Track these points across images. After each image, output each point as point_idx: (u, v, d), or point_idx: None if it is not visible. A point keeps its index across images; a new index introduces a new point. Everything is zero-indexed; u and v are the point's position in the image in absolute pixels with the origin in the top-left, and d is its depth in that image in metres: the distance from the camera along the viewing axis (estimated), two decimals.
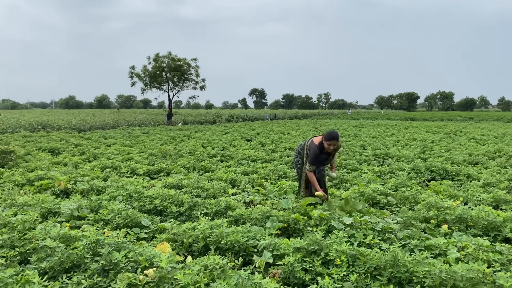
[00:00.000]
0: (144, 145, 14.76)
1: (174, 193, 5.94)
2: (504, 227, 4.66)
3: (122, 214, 4.90)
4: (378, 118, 51.73)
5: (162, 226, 4.76)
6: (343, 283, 3.24)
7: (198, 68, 41.72)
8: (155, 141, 16.98)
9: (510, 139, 17.54)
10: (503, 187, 7.19)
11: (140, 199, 5.87)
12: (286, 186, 7.03)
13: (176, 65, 39.95)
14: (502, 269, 3.52)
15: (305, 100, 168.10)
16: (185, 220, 5.28)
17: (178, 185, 7.17)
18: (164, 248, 4.02)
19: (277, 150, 13.67)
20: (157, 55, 40.37)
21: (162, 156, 11.79)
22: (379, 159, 11.50)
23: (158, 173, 9.03)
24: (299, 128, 27.03)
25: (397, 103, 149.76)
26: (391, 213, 5.94)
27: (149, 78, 40.07)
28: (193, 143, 16.02)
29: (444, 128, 26.09)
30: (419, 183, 8.06)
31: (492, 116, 51.92)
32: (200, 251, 4.09)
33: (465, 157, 11.21)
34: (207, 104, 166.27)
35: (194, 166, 9.77)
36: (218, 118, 43.38)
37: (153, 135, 20.24)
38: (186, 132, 22.93)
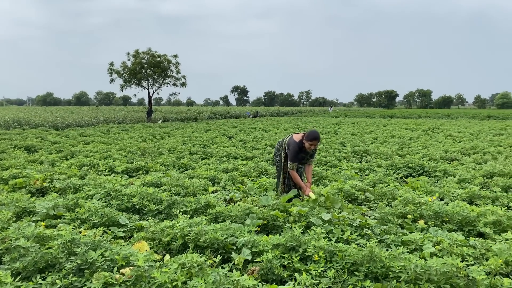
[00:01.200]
0: (123, 143, 14.56)
1: (153, 191, 5.88)
2: (478, 222, 4.78)
3: (99, 213, 4.82)
4: (358, 116, 52.30)
5: (140, 225, 4.71)
6: (320, 279, 3.27)
7: (178, 65, 41.47)
8: (134, 138, 16.78)
9: (485, 136, 17.98)
10: (477, 183, 7.36)
11: (118, 197, 5.79)
12: (266, 183, 7.04)
13: (156, 62, 39.55)
14: (475, 263, 3.61)
15: (286, 97, 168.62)
16: (164, 218, 5.23)
17: (157, 183, 7.11)
18: (142, 247, 3.98)
19: (258, 147, 13.68)
20: (137, 51, 39.90)
21: (141, 153, 11.66)
22: (358, 156, 11.64)
23: (137, 171, 8.92)
24: (280, 125, 27.11)
25: (377, 101, 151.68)
26: (369, 209, 6.01)
27: (128, 74, 39.55)
28: (173, 140, 15.89)
29: (422, 125, 26.56)
30: (396, 179, 8.19)
31: (468, 114, 53.13)
32: (179, 249, 4.07)
33: (442, 154, 11.44)
34: (188, 101, 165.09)
35: (174, 164, 9.69)
36: (200, 115, 43.12)
37: (133, 133, 20.00)
38: (166, 129, 22.73)
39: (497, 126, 25.07)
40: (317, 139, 5.48)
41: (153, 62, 39.47)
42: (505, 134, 19.11)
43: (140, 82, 40.45)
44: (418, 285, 3.09)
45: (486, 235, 4.49)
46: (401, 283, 3.11)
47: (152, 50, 40.39)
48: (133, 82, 40.14)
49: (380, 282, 3.26)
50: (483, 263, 3.57)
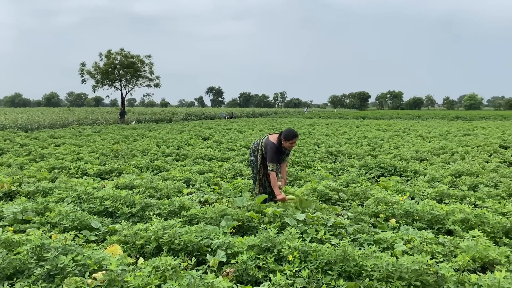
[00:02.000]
0: (95, 145, 14.27)
1: (126, 193, 5.79)
2: (447, 220, 4.92)
3: (71, 216, 4.71)
4: (332, 117, 52.97)
5: (113, 228, 4.62)
6: (295, 279, 3.29)
7: (152, 65, 40.94)
8: (107, 140, 16.46)
9: (453, 137, 18.52)
10: (446, 182, 7.58)
11: (90, 201, 5.67)
12: (242, 185, 7.04)
13: (129, 62, 38.94)
14: (444, 260, 3.72)
15: (262, 98, 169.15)
16: (137, 221, 5.16)
17: (130, 186, 7.00)
18: (115, 250, 3.91)
19: (234, 148, 13.66)
20: (109, 51, 39.16)
21: (114, 155, 11.45)
22: (332, 156, 11.78)
23: (110, 173, 8.76)
24: (255, 127, 27.16)
25: (350, 102, 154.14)
26: (342, 209, 6.10)
27: (100, 75, 38.77)
28: (147, 142, 15.69)
29: (394, 126, 27.13)
30: (369, 179, 8.35)
31: (438, 115, 54.65)
32: (153, 253, 4.02)
33: (412, 154, 11.72)
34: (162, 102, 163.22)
35: (148, 166, 9.57)
36: (174, 116, 42.69)
37: (105, 134, 19.62)
38: (140, 131, 22.41)
39: (465, 127, 25.88)
40: (297, 136, 5.50)
41: (126, 63, 38.84)
42: (472, 134, 19.75)
43: (113, 82, 39.73)
44: (389, 283, 3.16)
45: (455, 232, 4.63)
46: (373, 282, 3.18)
47: (125, 50, 39.79)
48: (106, 83, 39.38)
49: (353, 280, 3.31)
50: (451, 260, 3.68)
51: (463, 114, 54.36)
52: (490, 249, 3.72)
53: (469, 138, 17.31)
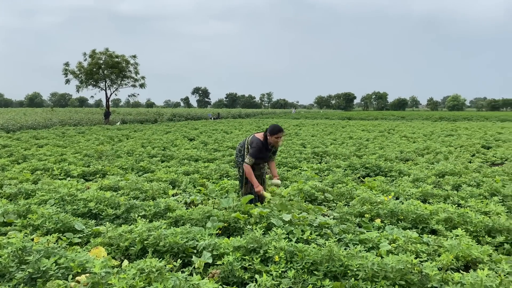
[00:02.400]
0: (79, 146, 14.08)
1: (110, 195, 5.72)
2: (431, 219, 4.98)
3: (54, 219, 4.63)
4: (318, 118, 53.28)
5: (97, 230, 4.56)
6: (281, 279, 3.29)
7: (137, 65, 40.65)
8: (91, 141, 16.26)
9: (437, 137, 18.79)
10: (430, 182, 7.67)
11: (74, 202, 5.59)
12: (228, 185, 7.02)
13: (114, 62, 38.56)
14: (428, 259, 3.76)
15: (248, 99, 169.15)
16: (122, 223, 5.09)
17: (115, 187, 6.92)
18: (99, 253, 3.86)
19: (220, 149, 13.63)
20: (94, 51, 38.73)
21: (98, 156, 11.32)
22: (318, 156, 11.84)
23: (94, 174, 8.65)
24: (242, 127, 27.14)
25: (335, 103, 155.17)
26: (328, 209, 6.13)
27: (85, 75, 38.32)
28: (132, 143, 15.54)
29: (379, 127, 27.41)
30: (354, 179, 8.40)
31: (422, 116, 55.39)
32: (138, 255, 3.98)
33: (397, 154, 11.85)
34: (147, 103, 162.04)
35: (133, 167, 9.48)
36: (160, 117, 42.40)
37: (89, 135, 19.38)
38: (125, 131, 22.19)
39: (448, 127, 26.28)
40: (281, 131, 5.47)
41: (111, 63, 38.45)
42: (456, 135, 20.07)
43: (97, 83, 39.28)
44: (375, 283, 3.18)
45: (439, 232, 4.69)
46: (359, 281, 3.19)
47: (110, 50, 39.38)
48: (90, 83, 38.91)
49: (339, 280, 3.33)
50: (435, 259, 3.72)
51: (446, 115, 55.21)
52: (473, 248, 3.77)
53: (452, 139, 17.58)
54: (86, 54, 38.68)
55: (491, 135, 19.35)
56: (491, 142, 16.04)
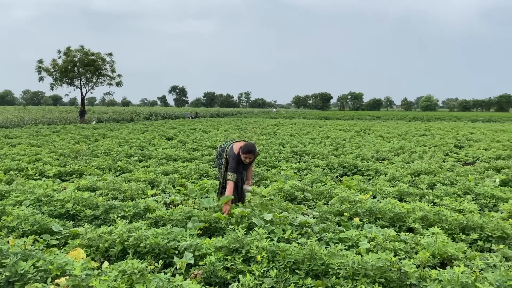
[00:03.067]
0: (54, 145, 13.75)
1: (88, 195, 5.62)
2: (408, 218, 5.10)
3: (30, 220, 4.52)
4: (295, 117, 53.60)
5: (76, 231, 4.48)
6: (263, 279, 3.32)
7: (113, 63, 39.86)
8: (66, 140, 15.91)
9: (412, 137, 19.21)
10: (406, 181, 7.85)
11: (50, 203, 5.47)
12: (208, 185, 7.00)
13: (90, 60, 37.74)
14: (406, 257, 3.86)
15: (226, 98, 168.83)
16: (101, 224, 5.02)
17: (93, 187, 6.80)
18: (78, 255, 3.79)
19: (199, 148, 13.56)
20: (68, 48, 37.81)
21: (75, 156, 11.09)
22: (297, 156, 11.93)
23: (70, 174, 8.47)
24: (221, 127, 27.06)
25: (313, 103, 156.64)
26: (308, 208, 6.19)
27: (59, 73, 37.35)
28: (108, 142, 15.29)
29: (355, 127, 27.81)
30: (333, 178, 8.52)
31: (396, 116, 56.47)
32: (118, 256, 3.93)
33: (373, 154, 12.05)
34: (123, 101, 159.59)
35: (110, 167, 9.33)
36: (136, 116, 41.82)
37: (64, 134, 18.96)
38: (101, 130, 21.80)
39: (422, 127, 26.89)
40: (252, 152, 5.26)
41: (86, 61, 37.60)
42: (429, 134, 20.56)
43: (72, 81, 38.37)
44: (355, 281, 3.24)
45: (415, 230, 4.80)
46: (340, 279, 3.25)
47: (86, 47, 38.56)
48: (65, 81, 37.97)
49: (320, 279, 3.38)
50: (413, 257, 3.82)
51: (420, 115, 56.45)
52: (448, 246, 3.89)
53: (426, 138, 18.00)
54: (61, 51, 37.74)
55: (463, 135, 19.90)
56: (463, 142, 16.51)
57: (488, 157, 11.43)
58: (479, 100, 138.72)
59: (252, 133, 21.65)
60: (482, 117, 49.29)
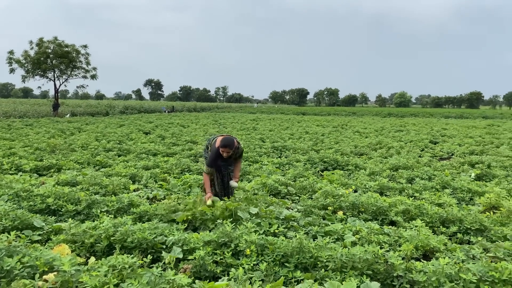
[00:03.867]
0: (29, 139, 13.37)
1: (69, 190, 5.52)
2: (390, 211, 5.22)
3: (10, 216, 4.40)
4: (273, 112, 53.77)
5: (59, 227, 4.39)
6: (253, 272, 3.34)
7: (88, 56, 38.94)
8: (41, 134, 15.50)
9: (388, 132, 19.59)
10: (385, 175, 8.02)
11: (30, 198, 5.34)
12: (191, 180, 6.97)
13: (64, 52, 36.75)
14: (390, 249, 3.95)
15: (203, 92, 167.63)
16: (84, 219, 4.94)
17: (73, 182, 6.67)
18: (63, 250, 3.72)
19: (178, 143, 13.45)
20: (41, 39, 36.68)
21: (51, 150, 10.82)
22: (277, 151, 12.00)
23: (48, 169, 8.27)
24: (199, 121, 26.90)
25: (290, 98, 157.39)
26: (292, 202, 6.25)
27: (31, 64, 36.23)
28: (85, 136, 14.99)
29: (332, 122, 28.13)
30: (314, 173, 8.61)
31: (371, 112, 57.37)
32: (104, 251, 3.88)
33: (352, 149, 12.25)
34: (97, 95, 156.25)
35: (89, 161, 9.16)
36: (111, 109, 41.09)
37: (38, 128, 18.46)
38: (76, 124, 21.34)
39: (398, 123, 27.45)
40: (228, 146, 5.21)
41: (60, 52, 36.59)
42: (405, 130, 21.01)
43: (45, 73, 37.29)
44: (344, 273, 3.31)
45: (397, 223, 4.93)
46: (328, 272, 3.30)
47: (59, 39, 37.51)
48: (37, 73, 36.86)
49: (309, 271, 3.42)
50: (397, 249, 3.92)
51: (394, 111, 57.54)
52: (431, 238, 4.01)
53: (402, 134, 18.40)
54: (33, 42, 36.61)
55: (437, 130, 20.44)
56: (438, 137, 16.96)
57: (462, 153, 11.79)
58: (451, 97, 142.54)
59: (231, 128, 21.60)
60: (455, 114, 50.68)
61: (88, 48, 38.71)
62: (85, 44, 38.50)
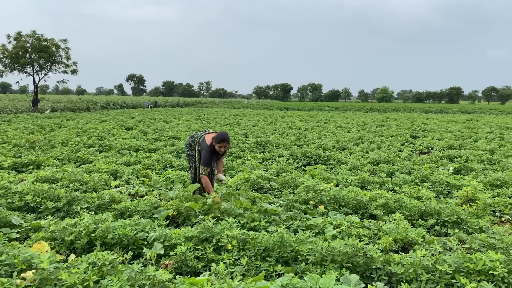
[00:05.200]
0: (7, 135, 13.09)
1: (48, 187, 5.44)
2: (370, 205, 5.30)
3: None
4: (257, 108, 53.78)
5: (38, 224, 4.33)
6: (234, 267, 3.36)
7: (68, 50, 38.16)
8: (20, 130, 15.19)
9: (369, 127, 19.82)
10: (366, 170, 8.13)
11: (8, 195, 5.24)
12: (173, 176, 6.94)
13: (43, 46, 35.92)
14: (370, 242, 4.02)
15: (186, 88, 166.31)
16: (64, 216, 4.88)
17: (53, 179, 6.57)
18: (42, 248, 3.67)
19: (161, 139, 13.36)
20: (19, 33, 35.74)
21: (30, 147, 10.62)
22: (260, 146, 12.03)
23: (27, 166, 8.12)
24: (182, 117, 26.73)
25: (273, 94, 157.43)
26: (274, 197, 6.28)
27: (9, 59, 35.35)
28: (65, 132, 14.75)
29: (315, 117, 28.29)
30: (297, 168, 8.67)
31: (354, 107, 57.90)
32: (84, 248, 3.84)
33: (334, 144, 12.36)
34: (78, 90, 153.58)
35: (70, 158, 9.03)
36: (93, 105, 40.50)
37: (17, 124, 18.09)
38: (56, 120, 20.98)
39: (379, 118, 27.78)
40: (226, 141, 5.24)
41: (39, 47, 35.74)
42: (386, 125, 21.29)
43: (24, 68, 36.44)
44: (324, 266, 3.35)
45: (377, 216, 5.01)
46: (309, 265, 3.35)
47: (38, 33, 36.66)
48: (16, 67, 35.99)
49: (290, 265, 3.46)
50: (376, 242, 3.99)
51: (376, 106, 58.22)
52: (409, 231, 4.09)
53: (383, 129, 18.63)
54: (11, 36, 35.69)
55: (417, 125, 20.76)
56: (418, 132, 17.24)
57: (442, 147, 12.02)
58: (432, 92, 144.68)
59: (214, 123, 21.54)
60: (435, 109, 51.53)
61: (68, 42, 37.92)
62: (65, 39, 37.69)
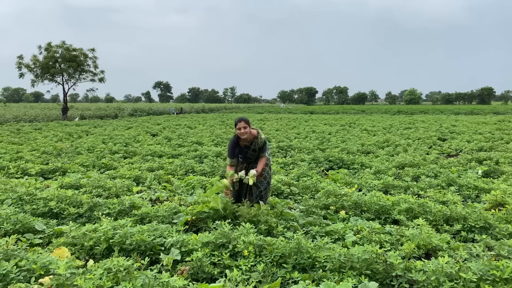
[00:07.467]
0: (36, 143, 13.51)
1: (72, 193, 5.54)
2: (393, 210, 5.15)
3: (12, 219, 4.43)
4: (281, 112, 53.67)
5: (60, 230, 4.41)
6: (250, 273, 3.31)
7: (96, 59, 39.17)
8: (49, 137, 15.65)
9: (396, 130, 19.41)
10: (391, 174, 7.93)
11: (33, 202, 5.37)
12: (194, 181, 6.96)
13: (72, 56, 37.01)
14: (391, 249, 3.89)
15: (211, 94, 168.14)
16: (85, 222, 4.95)
17: (76, 185, 6.71)
18: (62, 253, 3.73)
19: (184, 144, 13.48)
20: (49, 44, 36.99)
21: (57, 154, 10.91)
22: (283, 151, 11.95)
23: (53, 172, 8.33)
24: (206, 122, 26.94)
25: (298, 97, 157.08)
26: (294, 202, 6.20)
27: (40, 69, 36.58)
28: (92, 139, 15.08)
29: (340, 121, 27.97)
30: (318, 172, 8.55)
31: (381, 109, 56.98)
32: (103, 254, 3.88)
33: (358, 147, 12.14)
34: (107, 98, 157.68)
35: (94, 164, 9.21)
36: (120, 112, 41.40)
37: (47, 132, 18.64)
38: (84, 127, 21.52)
39: (406, 121, 27.20)
40: (241, 121, 5.04)
41: (68, 56, 36.88)
42: (413, 128, 20.80)
43: (54, 77, 37.61)
44: (342, 273, 3.26)
45: (400, 221, 4.86)
46: (326, 272, 3.26)
47: (67, 43, 37.83)
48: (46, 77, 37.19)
49: (307, 272, 3.39)
50: (398, 248, 3.86)
51: (404, 109, 57.08)
52: (432, 237, 3.94)
53: (410, 131, 18.21)
54: (42, 47, 36.93)
55: (446, 127, 20.19)
56: (446, 134, 16.75)
57: (471, 149, 11.63)
58: (462, 93, 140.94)
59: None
60: (465, 110, 50.08)
61: (95, 51, 38.96)
62: (93, 48, 38.74)
